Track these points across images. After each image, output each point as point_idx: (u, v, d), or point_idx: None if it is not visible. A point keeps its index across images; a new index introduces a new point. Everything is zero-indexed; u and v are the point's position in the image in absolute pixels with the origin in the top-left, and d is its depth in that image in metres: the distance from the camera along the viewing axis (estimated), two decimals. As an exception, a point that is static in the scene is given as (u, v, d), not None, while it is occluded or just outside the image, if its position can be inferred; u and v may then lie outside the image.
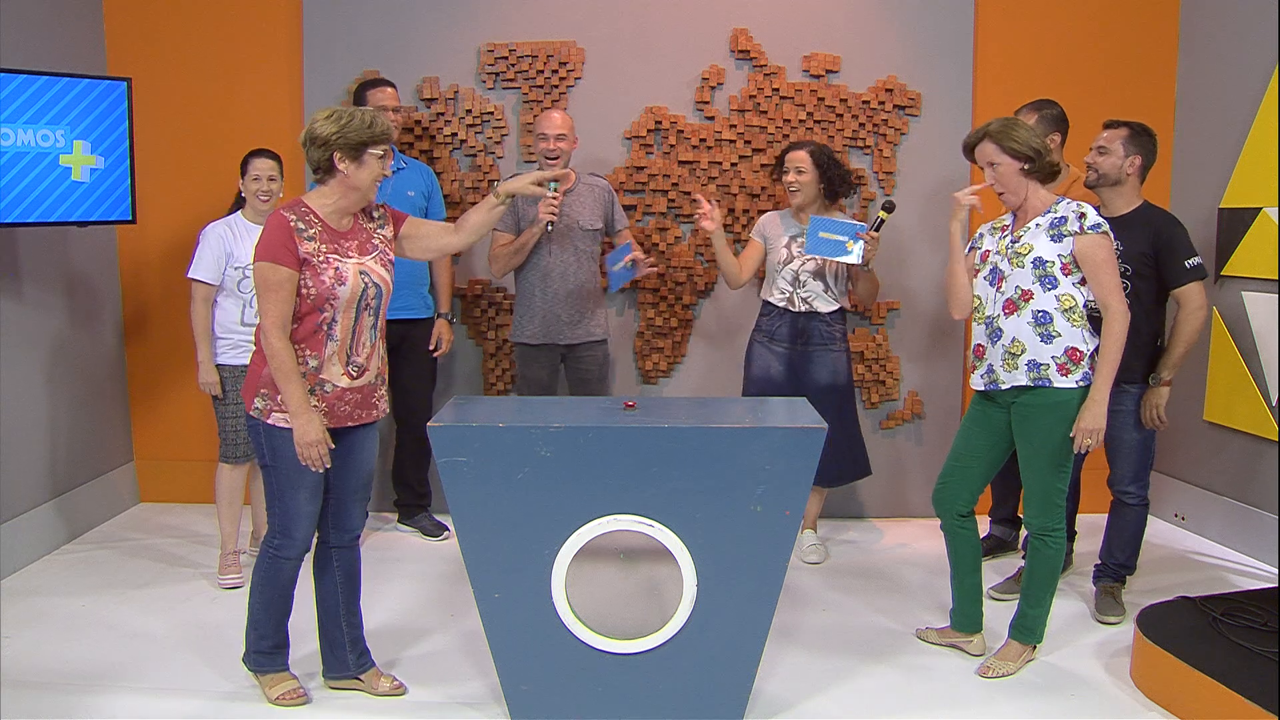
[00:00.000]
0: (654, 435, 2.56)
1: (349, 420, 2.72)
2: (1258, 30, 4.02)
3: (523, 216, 3.95)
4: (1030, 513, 3.00)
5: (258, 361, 2.68)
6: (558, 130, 3.88)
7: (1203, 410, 4.30)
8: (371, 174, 2.67)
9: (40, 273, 3.99)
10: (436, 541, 4.20)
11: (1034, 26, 4.43)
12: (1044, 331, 2.86)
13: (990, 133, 2.91)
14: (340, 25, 4.34)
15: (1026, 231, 2.92)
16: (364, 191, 2.68)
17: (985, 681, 3.00)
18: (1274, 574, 3.83)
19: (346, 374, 2.69)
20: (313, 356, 2.64)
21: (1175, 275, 3.30)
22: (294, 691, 2.82)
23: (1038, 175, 2.92)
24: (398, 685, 2.92)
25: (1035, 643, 3.08)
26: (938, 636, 3.25)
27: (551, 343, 3.98)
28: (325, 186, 2.68)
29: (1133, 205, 3.36)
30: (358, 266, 2.67)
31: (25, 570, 3.80)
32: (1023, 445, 2.96)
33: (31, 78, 3.55)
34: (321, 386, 2.66)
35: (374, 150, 2.65)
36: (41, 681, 2.94)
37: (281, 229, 2.60)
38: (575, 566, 2.64)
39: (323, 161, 2.64)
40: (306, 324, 2.63)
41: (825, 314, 3.84)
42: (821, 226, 3.70)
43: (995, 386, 2.97)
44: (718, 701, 2.71)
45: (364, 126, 2.62)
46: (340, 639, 2.88)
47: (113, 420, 4.50)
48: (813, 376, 3.85)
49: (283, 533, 2.72)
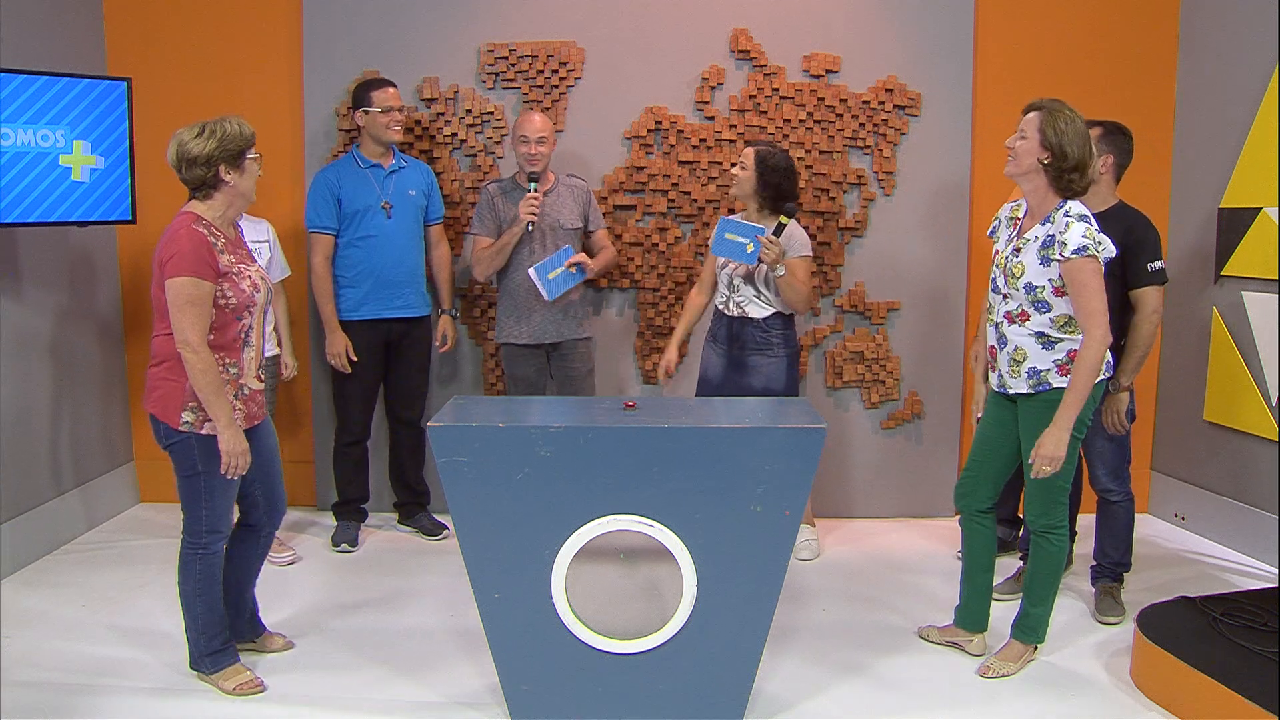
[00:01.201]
0: (654, 435, 2.56)
1: (256, 419, 2.88)
2: (1258, 30, 4.02)
3: (503, 218, 3.96)
4: (1032, 511, 3.00)
5: (169, 377, 2.73)
6: (539, 133, 3.89)
7: (1203, 410, 4.30)
8: (252, 177, 2.80)
9: (40, 273, 3.99)
10: (436, 541, 4.20)
11: (1034, 26, 4.43)
12: (1045, 341, 2.86)
13: (1044, 107, 2.79)
14: (340, 25, 4.33)
15: (1026, 245, 2.85)
16: (249, 195, 2.82)
17: (985, 681, 3.00)
18: (1274, 574, 3.83)
19: (258, 376, 2.87)
20: (233, 365, 2.77)
21: (1135, 276, 3.30)
22: (251, 681, 2.90)
23: (1052, 176, 2.78)
24: (288, 642, 3.16)
25: (1037, 643, 3.08)
26: (939, 635, 3.25)
27: (539, 342, 4.00)
28: (210, 200, 2.77)
29: (1108, 204, 3.37)
30: (258, 273, 2.83)
31: (25, 570, 3.80)
32: (1026, 443, 2.96)
33: (31, 78, 3.55)
34: (241, 391, 2.79)
35: (251, 155, 2.78)
36: (41, 681, 2.94)
37: (201, 244, 2.67)
38: (575, 566, 2.64)
39: (207, 177, 2.73)
40: (227, 333, 2.74)
41: (759, 319, 3.79)
42: (727, 228, 3.69)
43: (1004, 390, 2.98)
44: (718, 701, 2.72)
45: (239, 135, 2.73)
46: (251, 606, 3.09)
47: (113, 420, 4.50)
48: (748, 380, 3.81)
49: (212, 530, 2.82)
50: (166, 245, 2.68)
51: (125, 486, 4.57)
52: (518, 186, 4.01)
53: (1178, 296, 4.38)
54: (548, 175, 3.99)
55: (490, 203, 4.01)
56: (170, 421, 2.72)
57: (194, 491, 2.78)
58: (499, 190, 4.02)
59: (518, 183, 4.02)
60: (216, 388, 2.67)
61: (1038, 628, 3.06)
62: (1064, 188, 2.79)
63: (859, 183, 4.39)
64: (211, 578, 2.85)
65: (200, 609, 2.86)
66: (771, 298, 3.80)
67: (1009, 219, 3.01)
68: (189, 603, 2.86)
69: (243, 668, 2.92)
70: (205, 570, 2.84)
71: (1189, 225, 4.42)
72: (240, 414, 2.78)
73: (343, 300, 4.00)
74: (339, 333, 3.97)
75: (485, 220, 4.01)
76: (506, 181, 4.06)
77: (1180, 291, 4.37)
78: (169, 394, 2.72)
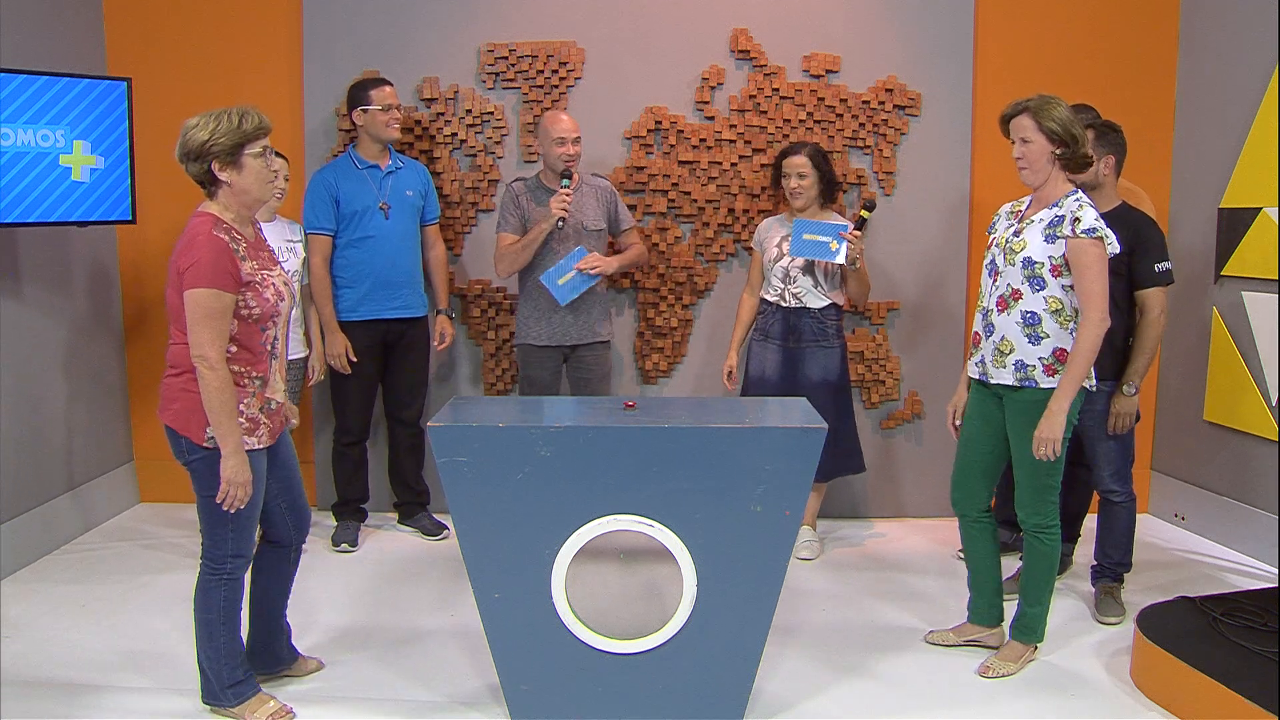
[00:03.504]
0: (654, 435, 2.56)
1: (279, 432, 2.72)
2: (1258, 30, 4.02)
3: (528, 217, 3.95)
4: (1024, 510, 3.00)
5: (190, 389, 2.51)
6: (574, 133, 3.89)
7: (1203, 410, 4.30)
8: (255, 175, 2.52)
9: (40, 273, 3.99)
10: (436, 541, 4.19)
11: (1034, 26, 4.43)
12: (1032, 333, 2.86)
13: (1030, 108, 2.84)
14: (340, 25, 4.33)
15: (1029, 225, 2.88)
16: (254, 194, 2.56)
17: (985, 681, 3.00)
18: (1274, 574, 3.83)
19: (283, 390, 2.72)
20: (258, 377, 2.59)
21: (1142, 276, 3.31)
22: (281, 710, 2.72)
23: (1067, 162, 2.85)
24: (319, 664, 3.03)
25: (1036, 642, 3.08)
26: (954, 636, 3.21)
27: (557, 344, 3.99)
28: (216, 200, 2.56)
29: (1112, 204, 3.37)
30: (280, 278, 2.64)
31: (25, 570, 3.80)
32: (1014, 440, 2.96)
33: (31, 78, 3.55)
34: (268, 405, 2.63)
35: (250, 149, 2.50)
36: (41, 681, 2.94)
37: (222, 251, 2.46)
38: (575, 566, 2.64)
39: (203, 174, 2.50)
40: (252, 344, 2.56)
41: (817, 310, 3.86)
42: (805, 229, 3.71)
43: (985, 378, 2.98)
44: (718, 701, 2.71)
45: (233, 127, 2.47)
46: (286, 630, 2.92)
47: (113, 420, 4.50)
48: (806, 373, 3.86)
49: (237, 554, 2.64)
50: (185, 252, 2.47)
51: (125, 486, 4.57)
52: (542, 186, 3.99)
53: (1178, 296, 4.38)
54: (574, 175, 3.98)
55: (515, 200, 3.97)
56: (193, 437, 2.52)
57: (218, 513, 2.56)
58: (525, 189, 4.00)
59: (542, 183, 4.00)
60: (230, 410, 2.47)
61: (1036, 627, 3.06)
62: (1078, 167, 2.87)
63: (859, 183, 4.39)
64: (235, 604, 2.67)
65: (223, 638, 2.66)
66: (828, 288, 3.84)
67: (1010, 213, 3.03)
68: (210, 631, 2.65)
69: (267, 696, 2.75)
70: (229, 596, 2.65)
71: (1189, 225, 4.42)
72: (265, 430, 2.61)
73: (340, 301, 4.00)
74: (338, 333, 3.97)
75: (510, 217, 3.98)
76: (532, 180, 4.03)
77: (1180, 291, 4.37)
78: (191, 407, 2.52)
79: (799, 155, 3.84)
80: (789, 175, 3.85)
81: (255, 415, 2.59)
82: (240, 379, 2.56)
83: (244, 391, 2.56)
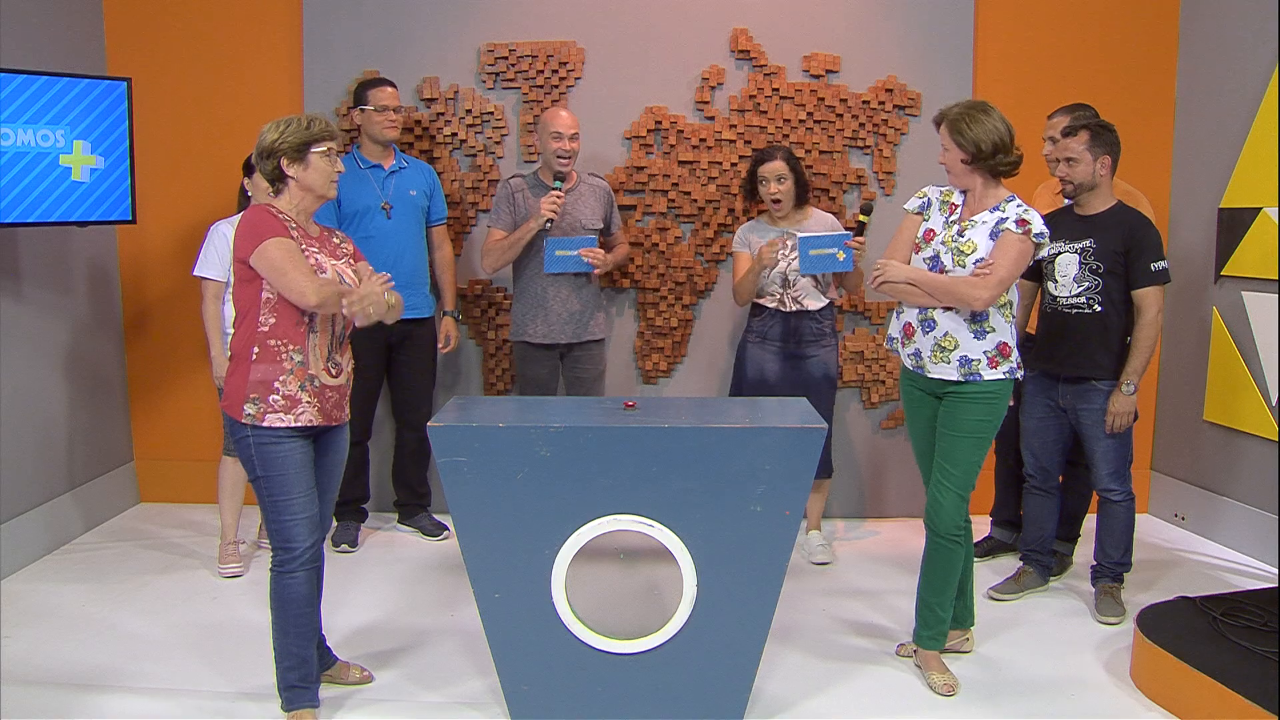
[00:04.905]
0: (654, 435, 2.56)
1: (332, 419, 2.70)
2: (1258, 30, 4.02)
3: (520, 214, 3.95)
4: (942, 514, 2.90)
5: (238, 370, 2.61)
6: (571, 129, 3.88)
7: (1203, 410, 4.30)
8: (320, 172, 2.65)
9: (40, 273, 3.99)
10: (436, 541, 4.20)
11: (1034, 26, 4.44)
12: (979, 329, 2.85)
13: (947, 118, 2.87)
14: (340, 25, 4.34)
15: (971, 226, 2.87)
16: (319, 191, 2.68)
17: (985, 682, 3.00)
18: (1274, 574, 3.83)
19: (327, 370, 2.67)
20: (296, 351, 2.61)
21: (1138, 275, 3.31)
22: None
23: (985, 171, 2.85)
24: (366, 674, 2.97)
25: (938, 648, 3.01)
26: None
27: (553, 342, 3.99)
28: (282, 196, 2.68)
29: (1108, 204, 3.38)
30: (334, 266, 2.68)
31: (25, 570, 3.80)
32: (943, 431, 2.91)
33: (31, 78, 3.55)
34: (311, 381, 2.63)
35: (317, 149, 2.64)
36: (41, 681, 2.94)
37: (269, 216, 2.59)
38: (575, 566, 2.64)
39: (274, 171, 2.64)
40: (289, 318, 2.60)
41: (816, 311, 3.86)
42: (811, 245, 3.66)
43: (920, 371, 2.95)
44: (718, 701, 2.72)
45: (301, 128, 2.62)
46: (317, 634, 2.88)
47: (113, 420, 4.50)
48: (808, 372, 3.87)
49: (283, 547, 2.63)
50: (239, 236, 2.58)
51: (125, 486, 4.57)
52: (540, 183, 3.99)
53: (1178, 296, 4.39)
54: (571, 174, 3.98)
55: (510, 197, 3.98)
56: (234, 414, 2.59)
57: (260, 498, 2.61)
58: (524, 185, 4.00)
59: (540, 179, 4.00)
60: (336, 290, 2.56)
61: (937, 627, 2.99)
62: (999, 172, 2.87)
63: (859, 183, 4.39)
64: (285, 602, 2.64)
65: (277, 635, 2.67)
66: (824, 285, 3.87)
67: (941, 202, 2.99)
68: (275, 626, 2.68)
69: (311, 714, 2.70)
70: (278, 592, 2.64)
71: (1189, 225, 4.42)
72: (308, 409, 2.61)
73: (342, 300, 3.99)
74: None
75: (502, 213, 3.98)
76: (531, 177, 4.03)
77: (1180, 291, 4.37)
78: (236, 388, 2.60)
79: (776, 161, 3.81)
80: (767, 181, 3.82)
81: (293, 393, 2.60)
82: (277, 354, 2.59)
83: (280, 368, 2.59)
